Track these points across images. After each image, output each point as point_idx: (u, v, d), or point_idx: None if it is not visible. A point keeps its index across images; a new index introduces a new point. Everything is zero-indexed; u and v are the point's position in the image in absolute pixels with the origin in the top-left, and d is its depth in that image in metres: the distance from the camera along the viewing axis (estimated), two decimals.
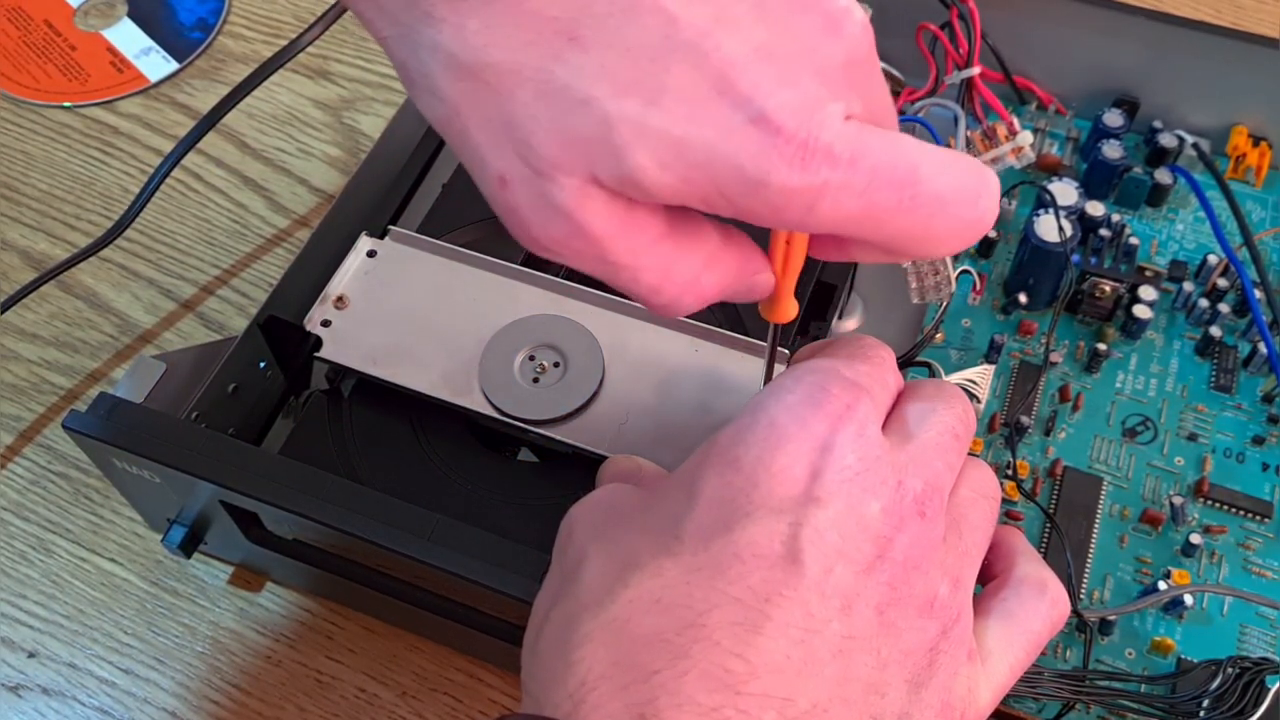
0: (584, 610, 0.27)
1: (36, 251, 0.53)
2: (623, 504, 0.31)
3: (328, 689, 0.42)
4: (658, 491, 0.31)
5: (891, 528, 0.28)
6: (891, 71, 0.53)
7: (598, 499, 0.32)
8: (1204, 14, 0.60)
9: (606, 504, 0.31)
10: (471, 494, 0.39)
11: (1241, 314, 0.47)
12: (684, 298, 0.29)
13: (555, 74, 0.25)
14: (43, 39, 0.61)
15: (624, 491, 0.32)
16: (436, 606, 0.39)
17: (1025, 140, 0.47)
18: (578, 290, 0.41)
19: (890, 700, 0.28)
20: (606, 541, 0.29)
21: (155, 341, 0.51)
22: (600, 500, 0.32)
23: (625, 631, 0.27)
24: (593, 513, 0.31)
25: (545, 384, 0.39)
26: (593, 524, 0.31)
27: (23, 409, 0.48)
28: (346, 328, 0.41)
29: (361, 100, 0.59)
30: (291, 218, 0.55)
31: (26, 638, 0.43)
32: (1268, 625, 0.40)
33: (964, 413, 0.32)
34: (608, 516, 0.31)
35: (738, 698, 0.25)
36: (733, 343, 0.40)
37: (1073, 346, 0.47)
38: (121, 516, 0.46)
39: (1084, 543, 0.42)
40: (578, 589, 0.28)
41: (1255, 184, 0.52)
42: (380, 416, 0.41)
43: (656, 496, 0.30)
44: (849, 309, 0.49)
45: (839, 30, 0.26)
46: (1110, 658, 0.40)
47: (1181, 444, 0.45)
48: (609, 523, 0.30)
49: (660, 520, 0.29)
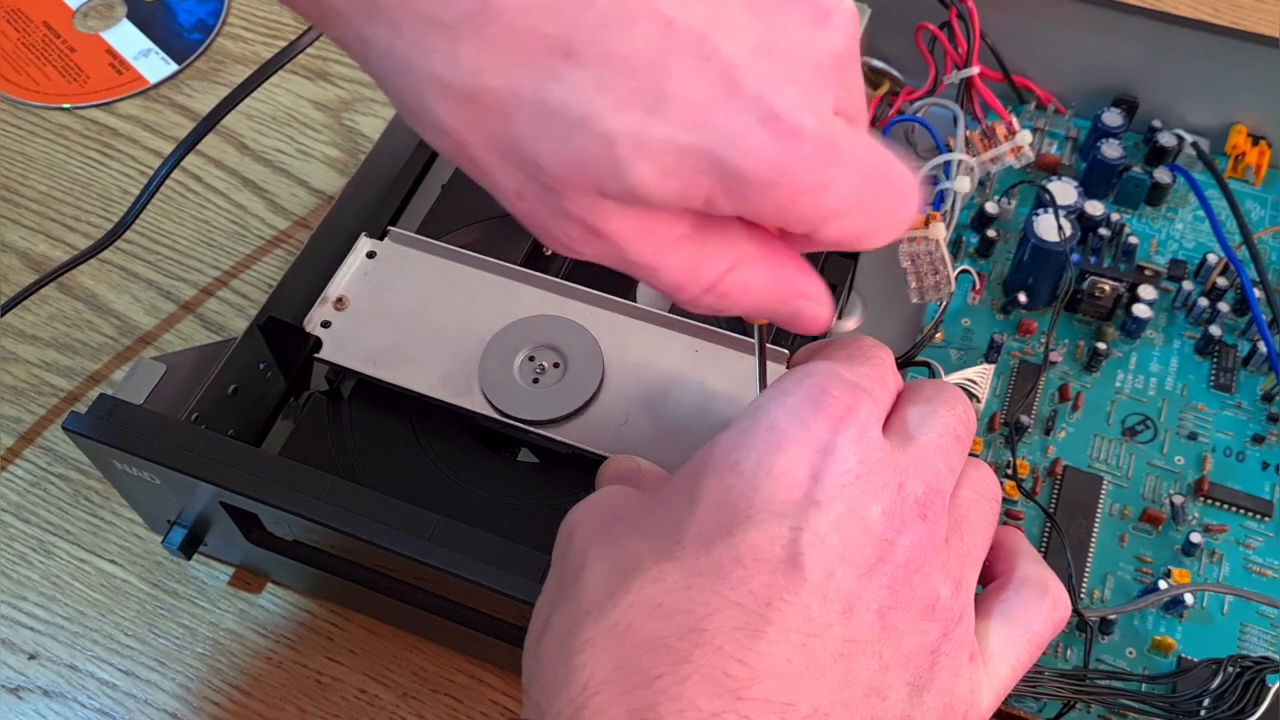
0: (586, 615, 0.27)
1: (36, 253, 0.53)
2: (623, 507, 0.31)
3: (328, 690, 0.42)
4: (658, 495, 0.31)
5: (893, 530, 0.28)
6: (891, 71, 0.54)
7: (598, 502, 0.32)
8: (1203, 13, 0.60)
9: (607, 507, 0.31)
10: (471, 494, 0.39)
11: (1241, 313, 0.47)
12: (706, 298, 0.28)
13: (552, 93, 0.25)
14: (42, 40, 0.61)
15: (624, 494, 0.32)
16: (437, 607, 0.39)
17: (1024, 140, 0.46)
18: (578, 290, 0.41)
19: (892, 703, 0.28)
20: (607, 545, 0.29)
21: (155, 343, 0.51)
22: (600, 503, 0.32)
23: (627, 637, 0.27)
24: (593, 516, 0.31)
25: (545, 384, 0.39)
26: (593, 528, 0.30)
27: (23, 411, 0.48)
28: (346, 329, 0.41)
29: (361, 101, 0.59)
30: (291, 219, 0.55)
31: (27, 639, 0.43)
32: (1268, 624, 0.40)
33: (965, 414, 0.32)
34: (608, 520, 0.31)
35: (739, 703, 0.25)
36: (733, 343, 0.40)
37: (1072, 346, 0.47)
38: (121, 518, 0.46)
39: (1084, 542, 0.42)
40: (579, 593, 0.28)
41: (1254, 183, 0.52)
42: (380, 417, 0.41)
43: (657, 500, 0.30)
44: (849, 309, 0.49)
45: (829, 22, 0.26)
46: (1111, 657, 0.40)
47: (1181, 443, 0.45)
48: (610, 526, 0.30)
49: (661, 524, 0.29)
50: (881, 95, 0.53)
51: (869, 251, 0.46)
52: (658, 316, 0.41)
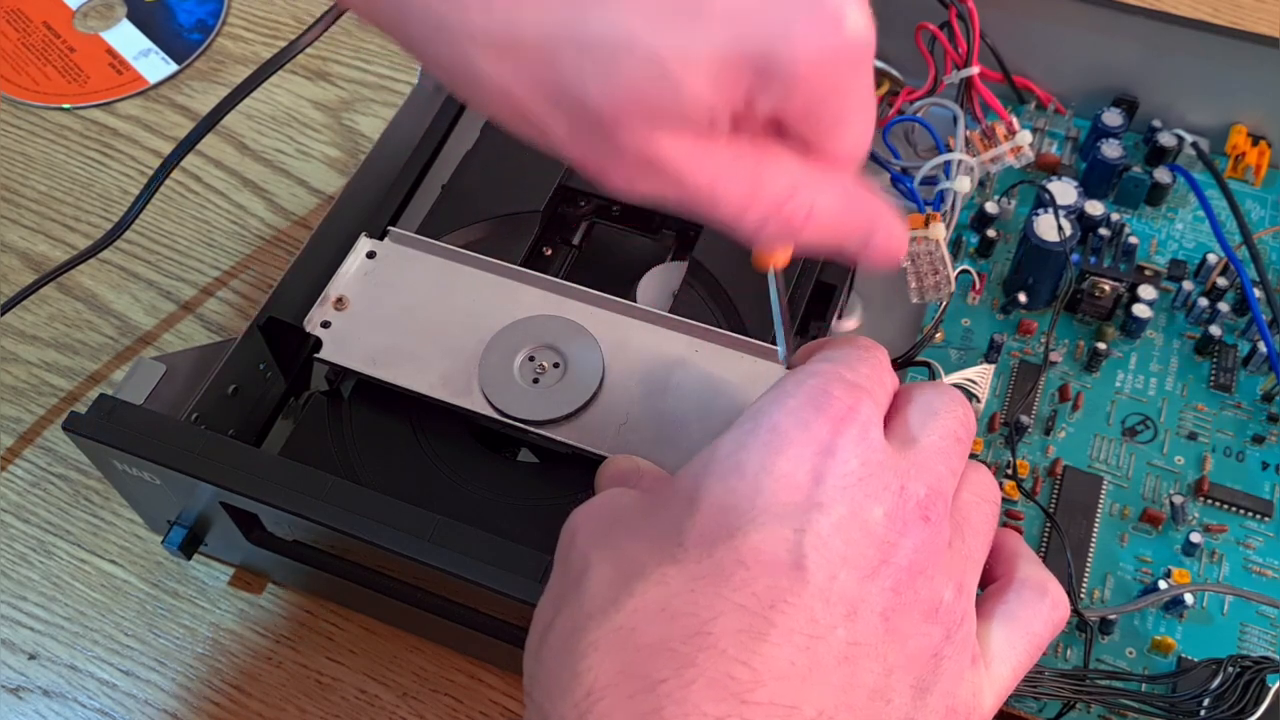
0: (589, 619, 0.27)
1: (36, 253, 0.53)
2: (625, 510, 0.31)
3: (328, 690, 0.42)
4: (660, 497, 0.30)
5: (895, 533, 0.28)
6: (891, 71, 0.54)
7: (599, 504, 0.32)
8: (1203, 13, 0.60)
9: (608, 509, 0.31)
10: (471, 494, 0.39)
11: (1241, 313, 0.47)
12: (771, 223, 0.28)
13: (590, 27, 0.25)
14: (42, 41, 0.61)
15: (626, 497, 0.32)
16: (437, 607, 0.39)
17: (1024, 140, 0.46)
18: (578, 290, 0.41)
19: (896, 706, 0.28)
20: (609, 549, 0.29)
21: (155, 343, 0.51)
22: (602, 505, 0.32)
23: (631, 640, 0.27)
24: (595, 519, 0.31)
25: (545, 384, 0.39)
26: (595, 530, 0.30)
27: (23, 411, 0.48)
28: (346, 329, 0.41)
29: (360, 101, 0.59)
30: (291, 219, 0.55)
31: (27, 639, 0.43)
32: (1268, 624, 0.40)
33: (965, 416, 0.32)
34: (610, 523, 0.31)
35: (743, 706, 0.25)
36: (733, 343, 0.40)
37: (1072, 346, 0.47)
38: (122, 518, 0.46)
39: (1084, 542, 0.42)
40: (582, 597, 0.28)
41: (1254, 183, 0.52)
42: (380, 417, 0.41)
43: (659, 502, 0.30)
44: (849, 309, 0.49)
45: None
46: (1111, 657, 0.40)
47: (1181, 443, 0.45)
48: (612, 529, 0.30)
49: (663, 527, 0.29)
50: (881, 95, 0.53)
51: None
52: (658, 316, 0.41)
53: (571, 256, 0.46)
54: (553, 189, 0.44)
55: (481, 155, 0.46)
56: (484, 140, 0.46)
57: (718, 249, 0.43)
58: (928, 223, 0.42)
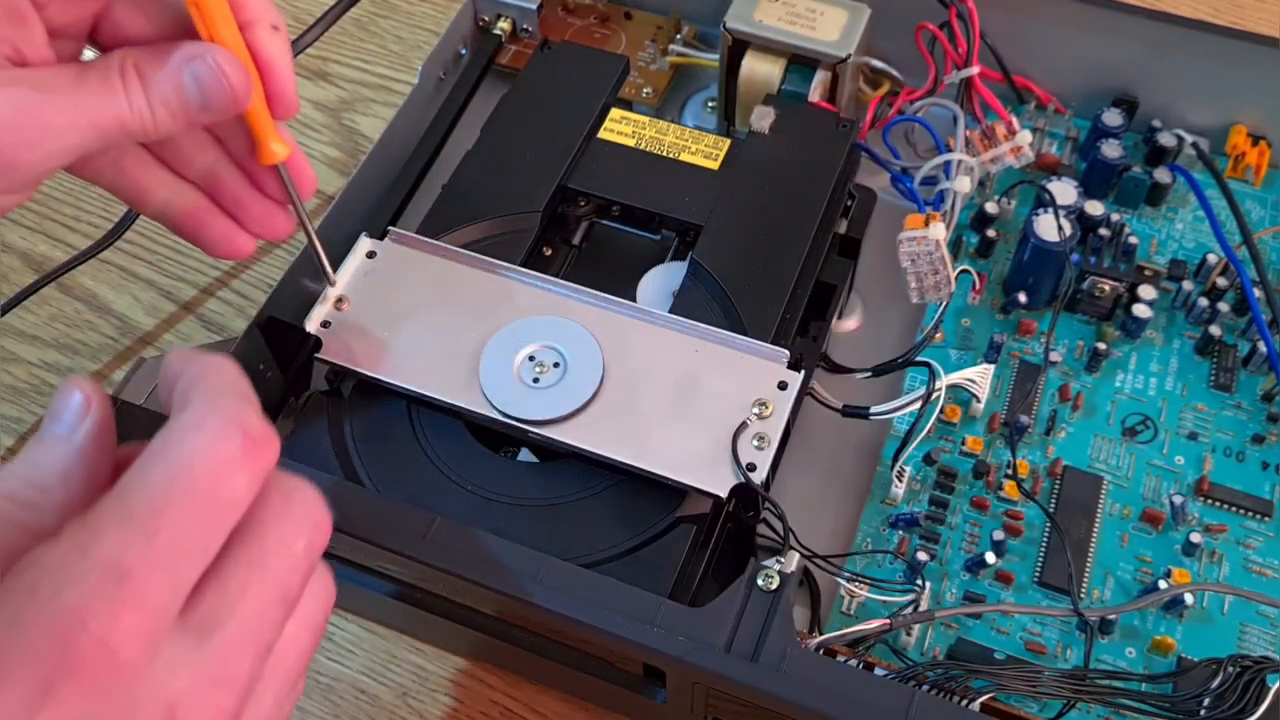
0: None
1: (36, 254, 0.53)
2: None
3: (328, 690, 0.42)
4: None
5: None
6: (891, 71, 0.54)
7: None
8: (1203, 13, 0.60)
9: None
10: (471, 494, 0.39)
11: (1241, 313, 0.47)
12: None
13: None
14: None
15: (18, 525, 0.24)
16: (437, 608, 0.39)
17: (1024, 140, 0.47)
18: (578, 290, 0.41)
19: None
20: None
21: (155, 343, 0.51)
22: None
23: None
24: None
25: (545, 384, 0.39)
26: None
27: (23, 411, 0.48)
28: (346, 329, 0.41)
29: (360, 101, 0.59)
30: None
31: None
32: (1268, 624, 0.40)
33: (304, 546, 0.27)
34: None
35: None
36: (733, 343, 0.40)
37: (1072, 346, 0.47)
38: None
39: (1084, 542, 0.42)
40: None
41: (1254, 183, 0.52)
42: (380, 417, 0.41)
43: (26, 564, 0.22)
44: (849, 309, 0.49)
45: None
46: (1111, 656, 0.40)
47: (1181, 443, 0.45)
48: None
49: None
50: (881, 95, 0.53)
51: (869, 251, 0.46)
52: (658, 316, 0.41)
53: (571, 256, 0.46)
54: (553, 189, 0.44)
55: (481, 155, 0.46)
56: (484, 140, 0.46)
57: (718, 249, 0.43)
58: (928, 223, 0.43)
